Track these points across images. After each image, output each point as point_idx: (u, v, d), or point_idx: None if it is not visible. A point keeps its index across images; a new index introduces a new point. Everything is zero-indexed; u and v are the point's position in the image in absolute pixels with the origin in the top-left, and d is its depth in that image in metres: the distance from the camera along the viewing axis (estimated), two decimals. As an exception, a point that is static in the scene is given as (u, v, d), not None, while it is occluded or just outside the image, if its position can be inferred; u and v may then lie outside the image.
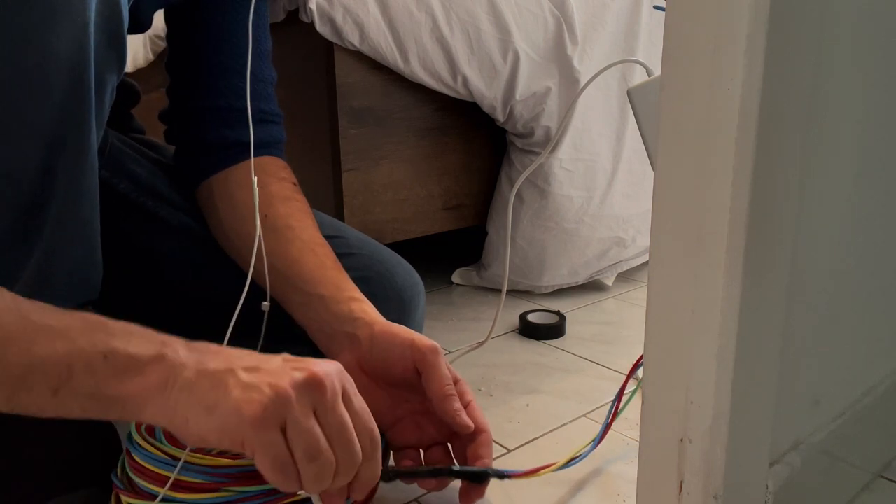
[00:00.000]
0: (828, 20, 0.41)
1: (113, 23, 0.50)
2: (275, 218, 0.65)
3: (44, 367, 0.40)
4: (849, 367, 0.56)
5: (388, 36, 0.93)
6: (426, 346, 0.56)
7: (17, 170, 0.47)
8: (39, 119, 0.47)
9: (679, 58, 0.38)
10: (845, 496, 0.59)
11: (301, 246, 0.64)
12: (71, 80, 0.47)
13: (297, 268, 0.63)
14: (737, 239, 0.37)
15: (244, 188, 0.66)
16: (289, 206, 0.67)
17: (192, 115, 0.69)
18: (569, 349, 0.95)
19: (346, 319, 0.60)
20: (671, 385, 0.42)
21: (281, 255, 0.63)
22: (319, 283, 0.62)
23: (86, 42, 0.48)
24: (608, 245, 1.18)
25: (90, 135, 0.51)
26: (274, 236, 0.64)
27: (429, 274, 1.11)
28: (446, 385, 0.56)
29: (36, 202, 0.48)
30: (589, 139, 1.11)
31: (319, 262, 0.64)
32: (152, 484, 0.50)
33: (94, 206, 0.54)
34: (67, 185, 0.50)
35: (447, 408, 0.55)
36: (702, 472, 0.42)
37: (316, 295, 0.61)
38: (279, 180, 0.68)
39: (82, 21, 0.47)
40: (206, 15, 0.67)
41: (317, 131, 1.00)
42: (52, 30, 0.45)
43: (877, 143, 0.51)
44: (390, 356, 0.57)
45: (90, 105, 0.50)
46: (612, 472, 0.65)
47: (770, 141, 0.37)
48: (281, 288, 0.64)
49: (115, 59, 0.52)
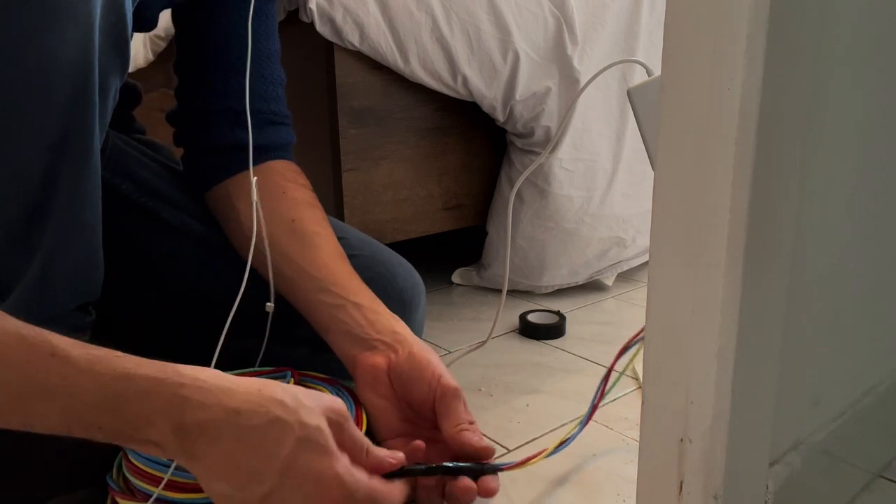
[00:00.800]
0: (828, 20, 0.41)
1: (118, 27, 0.50)
2: (301, 223, 0.65)
3: (43, 425, 0.41)
4: (849, 367, 0.56)
5: (388, 36, 0.93)
6: (448, 389, 0.58)
7: (21, 172, 0.47)
8: (43, 122, 0.47)
9: (679, 58, 0.38)
10: (845, 496, 0.59)
11: (332, 252, 0.65)
12: (75, 83, 0.47)
13: (327, 271, 0.64)
14: (737, 239, 0.37)
15: (262, 193, 0.66)
16: (314, 214, 0.68)
17: (201, 118, 0.69)
18: (569, 349, 0.95)
19: (385, 330, 0.61)
20: (671, 385, 0.42)
21: (310, 260, 0.64)
22: (355, 292, 0.63)
23: (90, 46, 0.48)
24: (608, 245, 1.18)
25: (94, 138, 0.51)
26: (302, 242, 0.64)
27: (429, 274, 1.11)
28: (461, 424, 0.57)
29: (39, 204, 0.48)
30: (589, 139, 1.11)
31: (349, 272, 0.64)
32: (149, 484, 0.50)
33: (97, 208, 0.54)
34: (70, 187, 0.50)
35: (463, 438, 0.57)
36: (702, 472, 0.42)
37: (352, 302, 0.62)
38: (300, 186, 0.69)
39: (87, 25, 0.47)
40: (212, 16, 0.67)
41: (317, 131, 1.00)
42: (56, 33, 0.45)
43: (877, 143, 0.51)
44: (417, 383, 0.58)
45: (94, 108, 0.50)
46: (612, 472, 0.65)
47: (770, 141, 0.37)
48: (308, 288, 0.64)
49: (118, 63, 0.52)
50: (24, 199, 0.48)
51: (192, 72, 0.69)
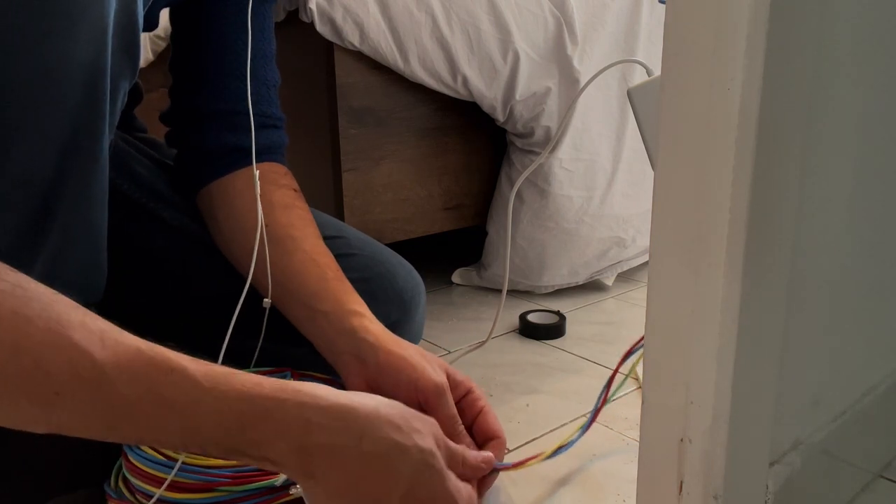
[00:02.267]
0: (828, 20, 0.41)
1: (129, 31, 0.50)
2: (275, 227, 0.64)
3: (158, 440, 0.40)
4: (849, 367, 0.56)
5: (388, 36, 0.93)
6: (429, 387, 0.55)
7: (30, 174, 0.47)
8: (54, 124, 0.47)
9: (679, 58, 0.38)
10: (845, 496, 0.59)
11: (303, 257, 0.64)
12: (86, 86, 0.47)
13: (299, 280, 0.63)
14: (737, 239, 0.37)
15: (244, 196, 0.65)
16: (290, 215, 0.66)
17: (193, 119, 0.68)
18: (569, 349, 0.95)
19: (350, 339, 0.59)
20: (671, 385, 0.42)
21: (282, 268, 0.63)
22: (322, 298, 0.61)
23: (103, 49, 0.48)
24: (608, 245, 1.18)
25: (103, 140, 0.51)
26: (274, 247, 0.63)
27: (429, 274, 1.11)
28: (451, 426, 0.56)
29: (46, 206, 0.48)
30: (589, 139, 1.11)
31: (321, 274, 0.63)
32: (149, 485, 0.50)
33: (103, 211, 0.54)
34: (79, 189, 0.50)
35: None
36: (702, 472, 0.42)
37: (320, 311, 0.61)
38: (279, 188, 0.68)
39: (101, 28, 0.47)
40: (208, 16, 0.67)
41: (317, 131, 1.00)
42: (71, 36, 0.45)
43: (877, 143, 0.51)
44: (396, 389, 0.57)
45: (104, 111, 0.50)
46: (612, 471, 0.65)
47: (770, 141, 0.37)
48: (284, 302, 0.63)
49: (129, 66, 0.52)
50: (32, 201, 0.48)
51: (187, 72, 0.69)
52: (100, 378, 0.37)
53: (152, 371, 0.39)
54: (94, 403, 0.37)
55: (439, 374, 0.56)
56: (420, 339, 0.79)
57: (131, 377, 0.38)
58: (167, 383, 0.39)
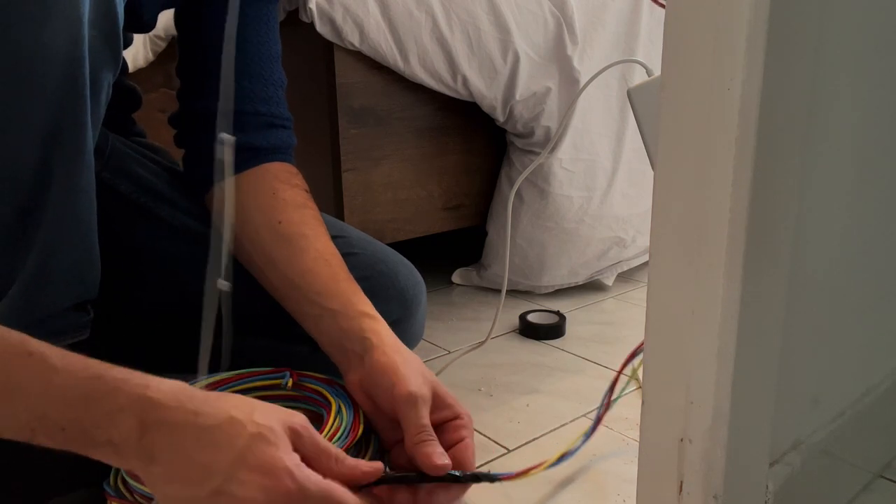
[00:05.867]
0: (827, 20, 0.41)
1: (107, 20, 0.51)
2: (288, 226, 0.65)
3: (6, 426, 0.41)
4: (849, 367, 0.56)
5: (388, 36, 0.93)
6: (402, 395, 0.54)
7: (14, 164, 0.47)
8: (35, 115, 0.47)
9: (679, 58, 0.38)
10: (845, 496, 0.59)
11: (315, 255, 0.64)
12: (65, 75, 0.48)
13: (309, 278, 0.63)
14: (737, 239, 0.37)
15: (253, 197, 0.66)
16: (303, 214, 0.67)
17: (200, 120, 0.69)
18: (569, 349, 0.95)
19: (356, 338, 0.59)
20: (671, 385, 0.42)
21: (294, 266, 0.63)
22: (332, 297, 0.62)
23: (79, 38, 0.48)
24: (608, 245, 1.18)
25: (86, 133, 0.51)
26: (287, 245, 0.64)
27: (429, 274, 1.11)
28: (417, 434, 0.54)
29: (33, 201, 0.49)
30: (589, 139, 1.11)
31: (332, 274, 0.63)
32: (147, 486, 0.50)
33: (91, 205, 0.54)
34: (64, 183, 0.50)
35: (417, 452, 0.53)
36: (702, 472, 0.42)
37: (329, 309, 0.61)
38: (292, 187, 0.68)
39: (75, 17, 0.47)
40: (212, 18, 0.67)
41: (317, 131, 1.00)
42: (44, 25, 0.46)
43: (877, 142, 0.51)
44: (377, 391, 0.57)
45: (85, 102, 0.50)
46: (612, 472, 0.65)
47: (770, 141, 0.37)
48: (294, 298, 0.63)
49: (110, 57, 0.52)
50: (18, 194, 0.48)
51: (194, 74, 0.69)
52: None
53: (9, 355, 0.40)
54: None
55: (419, 387, 0.55)
56: (421, 338, 0.79)
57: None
58: (21, 366, 0.40)
